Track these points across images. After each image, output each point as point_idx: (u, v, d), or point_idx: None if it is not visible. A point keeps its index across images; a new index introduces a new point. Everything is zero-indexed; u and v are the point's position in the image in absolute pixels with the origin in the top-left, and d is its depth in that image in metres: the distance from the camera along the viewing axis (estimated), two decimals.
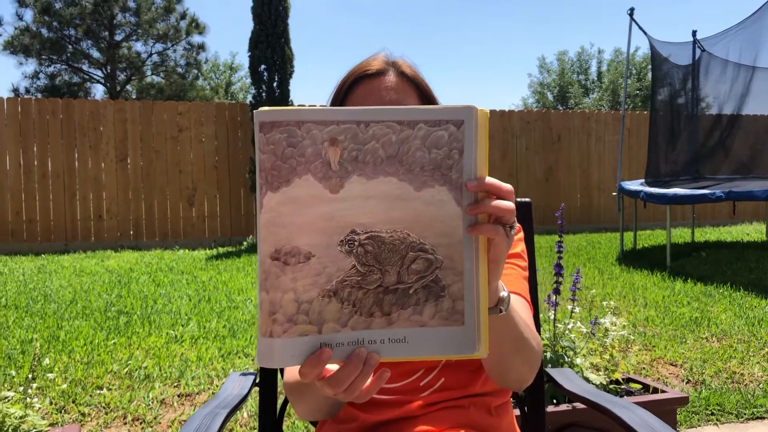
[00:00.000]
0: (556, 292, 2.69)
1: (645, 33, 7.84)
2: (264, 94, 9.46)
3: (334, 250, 0.70)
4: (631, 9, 7.52)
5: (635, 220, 8.28)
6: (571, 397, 1.43)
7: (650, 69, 9.79)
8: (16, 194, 9.20)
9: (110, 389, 3.21)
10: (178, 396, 3.14)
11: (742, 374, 3.42)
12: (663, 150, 8.03)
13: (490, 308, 0.82)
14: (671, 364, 3.59)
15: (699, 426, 2.85)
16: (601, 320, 2.82)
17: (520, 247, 1.19)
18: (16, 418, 2.13)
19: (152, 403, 3.04)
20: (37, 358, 2.37)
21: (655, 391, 2.57)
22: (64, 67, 20.06)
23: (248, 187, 9.99)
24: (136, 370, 3.47)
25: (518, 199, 1.32)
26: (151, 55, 20.45)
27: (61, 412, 2.93)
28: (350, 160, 0.69)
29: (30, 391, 2.32)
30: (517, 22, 63.34)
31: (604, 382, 2.57)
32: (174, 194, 9.86)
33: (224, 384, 1.46)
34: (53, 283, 6.13)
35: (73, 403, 3.03)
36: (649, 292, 5.46)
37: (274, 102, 9.32)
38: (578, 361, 2.58)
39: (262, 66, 9.43)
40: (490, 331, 0.76)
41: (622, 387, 2.65)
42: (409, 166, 0.70)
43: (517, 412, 1.47)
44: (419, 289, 0.72)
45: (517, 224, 0.76)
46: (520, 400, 1.50)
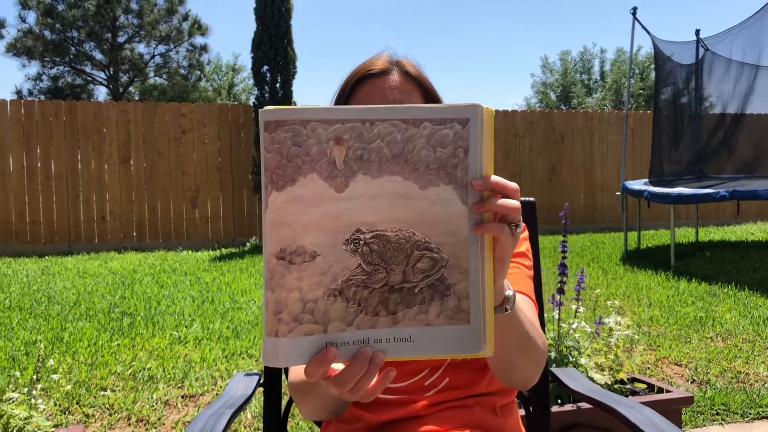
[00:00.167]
0: (560, 291, 2.69)
1: (648, 32, 7.83)
2: (267, 95, 9.46)
3: (339, 249, 0.70)
4: (634, 8, 7.50)
5: (639, 220, 8.26)
6: (576, 397, 1.42)
7: (653, 68, 9.78)
8: (19, 196, 9.22)
9: (114, 390, 3.21)
10: (182, 397, 3.14)
11: (747, 374, 3.41)
12: (666, 149, 8.01)
13: (496, 307, 0.82)
14: (676, 364, 3.58)
15: (704, 426, 2.84)
16: (606, 320, 2.81)
17: (524, 246, 1.18)
18: (21, 420, 2.13)
19: (156, 404, 3.04)
20: (41, 360, 2.36)
21: (660, 390, 2.56)
22: (66, 69, 20.12)
23: (251, 188, 10.00)
24: (140, 371, 3.47)
25: (522, 198, 1.32)
26: (153, 56, 20.49)
27: (65, 414, 2.93)
28: (355, 159, 0.69)
29: (34, 392, 2.32)
30: (520, 23, 63.35)
31: (609, 382, 2.56)
32: (177, 195, 9.87)
33: (228, 384, 1.45)
34: (57, 285, 6.14)
35: (78, 404, 3.03)
36: (654, 291, 5.45)
37: (276, 103, 9.32)
38: (583, 360, 2.58)
39: (265, 67, 9.43)
40: (496, 330, 0.76)
41: (627, 387, 2.64)
42: (414, 165, 0.70)
43: (522, 412, 1.47)
44: (424, 288, 0.72)
45: (522, 223, 0.75)
46: (525, 400, 1.49)
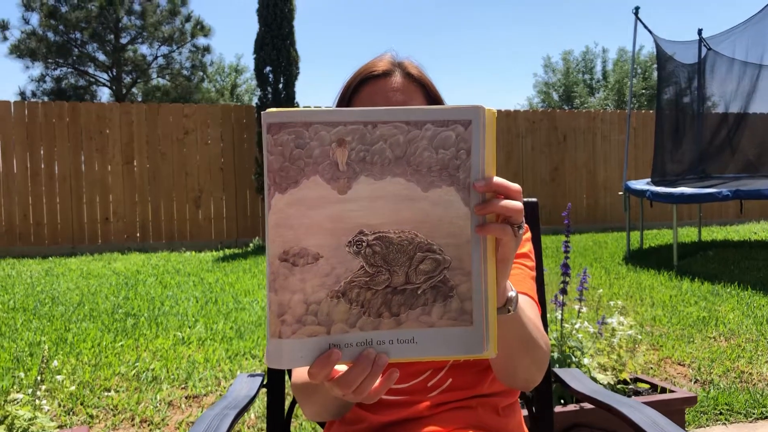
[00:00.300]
0: (563, 292, 2.69)
1: (650, 32, 7.82)
2: (269, 96, 9.47)
3: (342, 250, 0.70)
4: (636, 8, 7.49)
5: (642, 220, 8.25)
6: (579, 397, 1.43)
7: (656, 68, 9.76)
8: (23, 197, 9.24)
9: (118, 391, 3.22)
10: (186, 398, 3.15)
11: (750, 374, 3.40)
12: (669, 149, 8.00)
13: (499, 308, 0.82)
14: (679, 364, 3.58)
15: (707, 426, 2.83)
16: (609, 320, 2.81)
17: (527, 247, 1.18)
18: (25, 420, 2.14)
19: (160, 404, 3.05)
20: (46, 361, 2.37)
21: (663, 390, 2.56)
22: (70, 70, 20.13)
23: (254, 189, 10.00)
24: (144, 371, 3.48)
25: (524, 199, 1.32)
26: (156, 57, 20.50)
27: (69, 414, 2.94)
28: (358, 160, 0.69)
29: (38, 393, 2.33)
30: (522, 23, 63.30)
31: (612, 382, 2.56)
32: (180, 196, 9.88)
33: (232, 385, 1.46)
34: (61, 286, 6.16)
35: (82, 405, 3.04)
36: (656, 291, 5.44)
37: (279, 104, 9.33)
38: (586, 361, 2.58)
39: (268, 68, 9.44)
40: (499, 331, 0.76)
41: (630, 387, 2.64)
42: (416, 167, 0.70)
43: (525, 412, 1.47)
44: (427, 289, 0.72)
45: (524, 224, 0.75)
46: (528, 401, 1.49)
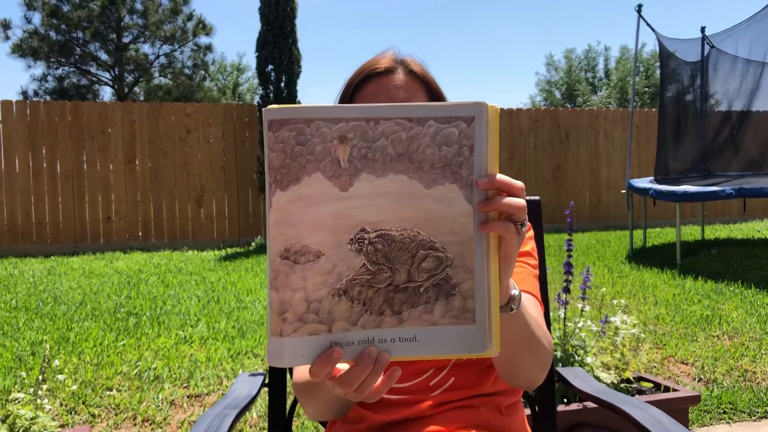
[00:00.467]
0: (566, 290, 2.68)
1: (653, 30, 7.80)
2: (271, 94, 9.47)
3: (343, 248, 0.69)
4: (639, 6, 7.48)
5: (645, 218, 8.23)
6: (582, 397, 1.42)
7: (658, 66, 9.75)
8: (25, 196, 9.25)
9: (120, 390, 3.22)
10: (188, 397, 3.15)
11: (754, 372, 3.39)
12: (672, 147, 7.98)
13: (501, 306, 0.82)
14: (682, 363, 3.57)
15: (711, 425, 2.82)
16: (612, 319, 2.80)
17: (530, 246, 1.18)
18: (27, 420, 2.14)
19: (162, 404, 3.05)
20: (47, 360, 2.37)
21: (667, 389, 2.55)
22: (72, 69, 20.15)
23: (256, 188, 10.01)
24: (146, 371, 3.48)
25: (527, 197, 1.31)
26: (158, 56, 20.52)
27: (71, 414, 2.94)
28: (360, 157, 0.68)
29: (40, 392, 2.32)
30: (524, 21, 63.24)
31: (615, 381, 2.55)
32: (182, 195, 9.88)
33: (233, 385, 1.45)
34: (63, 285, 6.16)
35: (83, 404, 3.04)
36: (660, 290, 5.43)
37: (281, 102, 9.32)
38: (589, 359, 2.57)
39: (270, 66, 9.44)
40: (501, 329, 0.75)
41: (633, 386, 2.64)
42: (419, 164, 0.69)
43: (528, 412, 1.46)
44: (430, 287, 0.71)
45: (527, 222, 0.75)
46: (531, 400, 1.49)
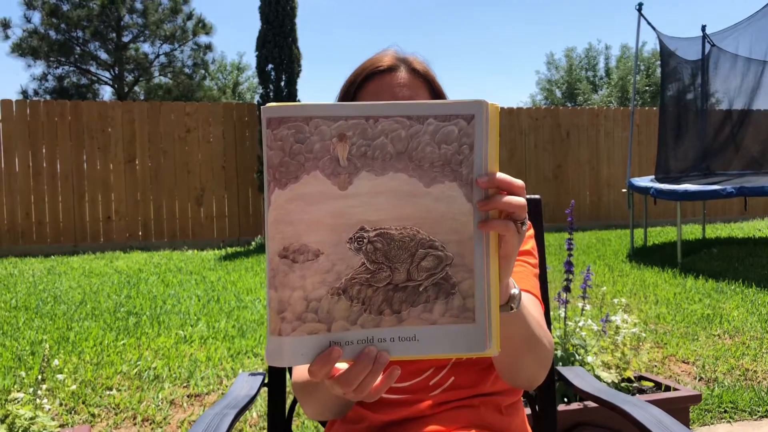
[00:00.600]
0: (567, 289, 2.67)
1: (654, 28, 7.79)
2: (271, 93, 9.46)
3: (343, 247, 0.69)
4: (640, 4, 7.47)
5: (645, 217, 8.23)
6: (582, 396, 1.41)
7: (659, 65, 9.73)
8: (25, 196, 9.25)
9: (120, 390, 3.21)
10: (188, 396, 3.14)
11: (755, 371, 3.39)
12: (673, 146, 7.98)
13: (501, 305, 0.81)
14: (683, 362, 3.56)
15: (712, 424, 2.82)
16: (612, 318, 2.80)
17: (530, 245, 1.17)
18: (26, 420, 2.14)
19: (162, 403, 3.05)
20: (47, 360, 2.37)
21: (668, 389, 2.55)
22: (72, 69, 20.14)
23: (256, 187, 10.01)
24: (146, 370, 3.47)
25: (527, 196, 1.31)
26: (158, 56, 20.51)
27: (71, 413, 2.94)
28: (359, 155, 0.68)
29: (40, 392, 2.32)
30: (524, 20, 63.21)
31: (616, 380, 2.55)
32: (182, 195, 9.88)
33: (233, 384, 1.45)
34: (63, 285, 6.16)
35: (83, 404, 3.03)
36: (660, 289, 5.43)
37: (281, 101, 9.31)
38: (589, 359, 2.57)
39: (270, 65, 9.43)
40: (501, 328, 0.75)
41: (634, 385, 2.63)
42: (418, 162, 0.69)
43: (528, 411, 1.46)
44: (429, 286, 0.71)
45: (527, 221, 0.74)
46: (531, 399, 1.48)
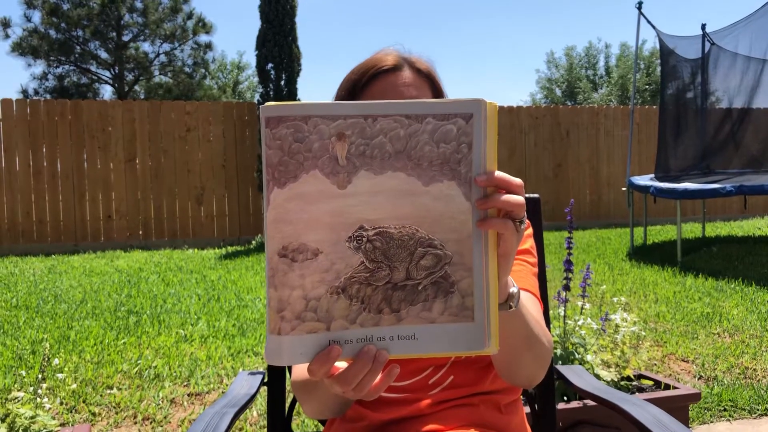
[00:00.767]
0: (566, 288, 2.67)
1: (653, 27, 7.79)
2: (271, 92, 9.46)
3: (342, 246, 0.69)
4: (640, 3, 7.46)
5: (645, 216, 8.23)
6: (581, 395, 1.42)
7: (659, 63, 9.73)
8: (26, 195, 9.25)
9: (120, 389, 3.22)
10: (188, 395, 3.15)
11: (754, 369, 3.39)
12: (673, 145, 7.97)
13: (500, 304, 0.81)
14: (683, 360, 3.57)
15: (711, 422, 2.82)
16: (612, 316, 2.80)
17: (529, 243, 1.18)
18: (27, 419, 2.14)
19: (162, 402, 3.05)
20: (47, 359, 2.37)
21: (667, 387, 2.55)
22: (72, 68, 20.14)
23: (256, 186, 10.01)
24: (146, 369, 3.48)
25: (526, 195, 1.31)
26: (158, 55, 20.51)
27: (71, 412, 2.94)
28: (358, 155, 0.68)
29: (40, 391, 2.32)
30: (524, 19, 63.17)
31: (615, 379, 2.55)
32: (183, 194, 9.88)
33: (233, 383, 1.45)
34: (63, 284, 6.16)
35: (84, 402, 3.04)
36: (660, 287, 5.43)
37: (281, 100, 9.31)
38: (589, 357, 2.57)
39: (270, 64, 9.43)
40: (500, 327, 0.75)
41: (634, 383, 2.63)
42: (417, 161, 0.69)
43: (528, 410, 1.46)
44: (428, 285, 0.71)
45: (526, 220, 0.75)
46: (531, 398, 1.49)
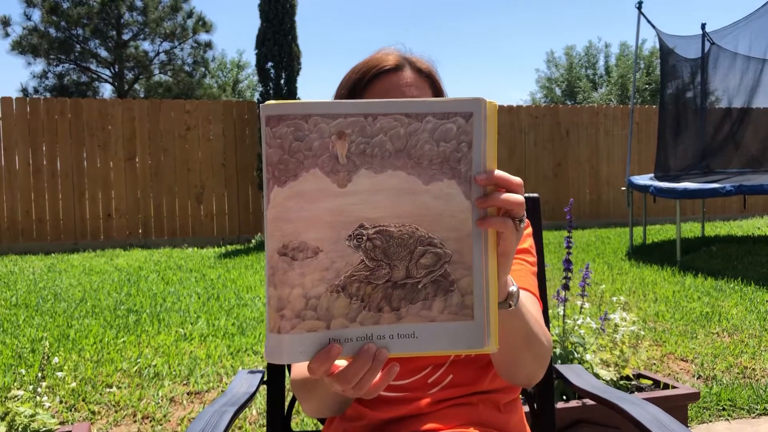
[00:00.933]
0: (565, 287, 2.68)
1: (653, 26, 7.79)
2: (271, 91, 9.46)
3: (342, 244, 0.69)
4: (639, 2, 7.46)
5: (645, 215, 8.23)
6: (581, 394, 1.42)
7: (659, 63, 9.73)
8: (25, 194, 9.25)
9: (120, 387, 3.22)
10: (188, 394, 3.15)
11: (753, 369, 3.39)
12: (672, 144, 7.98)
13: (500, 303, 0.82)
14: (682, 360, 3.57)
15: (710, 422, 2.82)
16: (611, 316, 2.80)
17: (528, 243, 1.18)
18: (26, 417, 2.14)
19: (162, 401, 3.05)
20: (47, 357, 2.37)
21: (666, 386, 2.55)
22: (72, 66, 20.12)
23: (256, 185, 10.01)
24: (146, 368, 3.48)
25: (526, 194, 1.31)
26: (158, 53, 20.48)
27: (71, 411, 2.94)
28: (358, 153, 0.68)
29: (40, 389, 2.32)
30: (524, 19, 63.15)
31: (615, 378, 2.55)
32: (182, 192, 9.88)
33: (232, 382, 1.45)
34: (63, 282, 6.16)
35: (83, 401, 3.04)
36: (659, 287, 5.43)
37: (281, 99, 9.30)
38: (588, 357, 2.57)
39: (269, 63, 9.43)
40: (500, 326, 0.75)
41: (633, 383, 2.63)
42: (417, 160, 0.69)
43: (527, 409, 1.46)
44: (428, 283, 0.71)
45: (525, 219, 0.75)
46: (530, 397, 1.49)
